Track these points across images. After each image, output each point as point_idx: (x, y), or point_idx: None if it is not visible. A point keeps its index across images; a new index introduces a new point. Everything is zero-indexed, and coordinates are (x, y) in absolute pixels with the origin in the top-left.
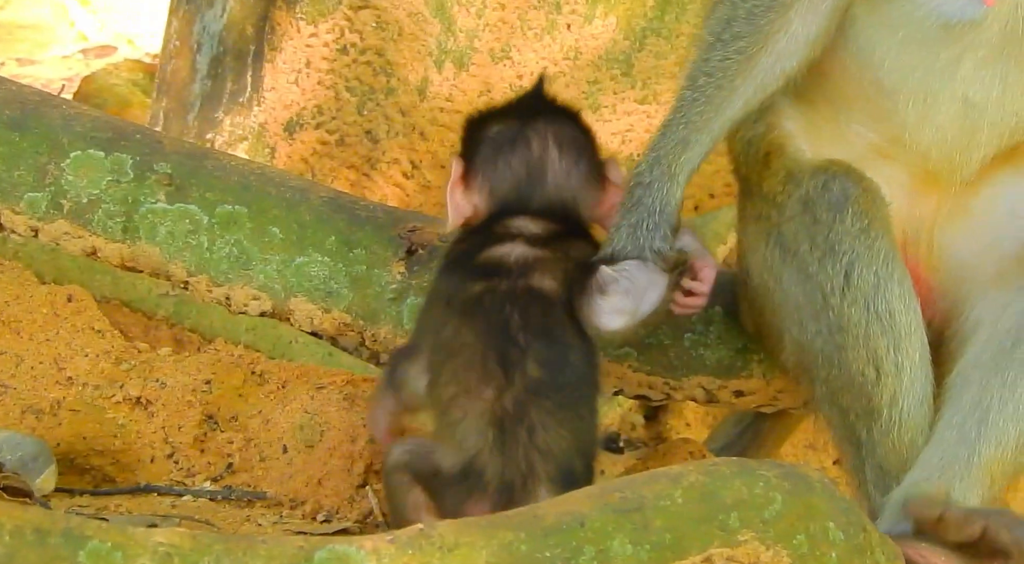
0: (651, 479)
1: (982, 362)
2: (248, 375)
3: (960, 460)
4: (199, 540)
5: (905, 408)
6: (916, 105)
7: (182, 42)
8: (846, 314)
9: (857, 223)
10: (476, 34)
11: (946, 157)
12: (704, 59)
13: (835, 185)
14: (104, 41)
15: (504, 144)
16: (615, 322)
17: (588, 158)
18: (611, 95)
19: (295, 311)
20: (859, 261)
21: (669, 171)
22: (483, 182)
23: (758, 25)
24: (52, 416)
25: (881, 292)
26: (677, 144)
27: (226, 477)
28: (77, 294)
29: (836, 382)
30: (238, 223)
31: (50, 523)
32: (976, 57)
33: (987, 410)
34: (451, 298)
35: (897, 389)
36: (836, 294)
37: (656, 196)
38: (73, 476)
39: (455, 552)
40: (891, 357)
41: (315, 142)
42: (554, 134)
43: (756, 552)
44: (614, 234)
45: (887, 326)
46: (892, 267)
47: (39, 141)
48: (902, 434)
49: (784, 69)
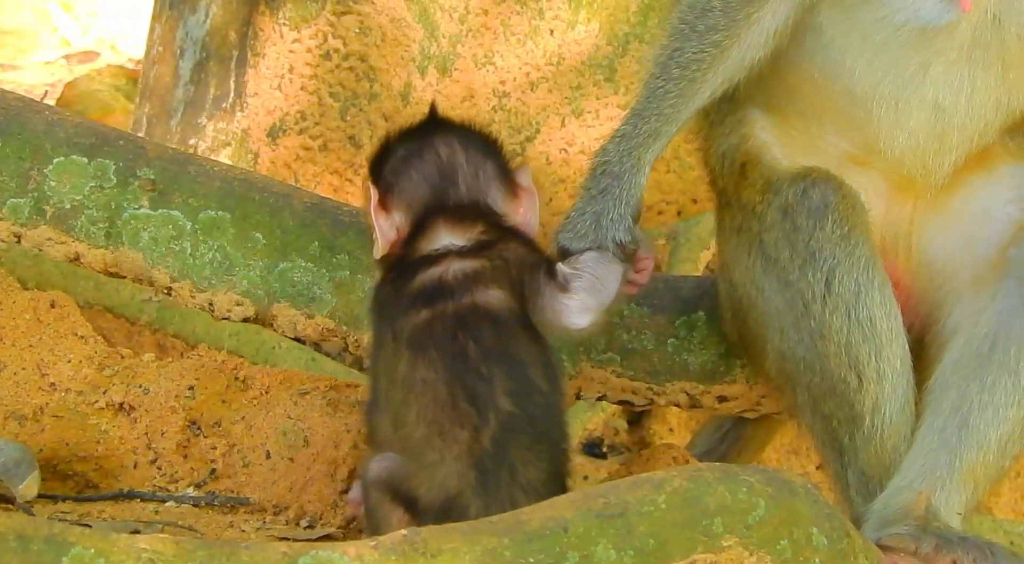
0: (634, 485)
1: (960, 367)
2: (231, 381)
3: (942, 465)
4: (182, 546)
5: (887, 414)
6: (888, 111)
7: (165, 47)
8: (827, 321)
9: (837, 230)
10: (459, 39)
11: (919, 162)
12: (678, 49)
13: (815, 192)
14: (87, 47)
15: (412, 157)
16: (584, 320)
17: (495, 162)
18: (594, 100)
19: (278, 317)
20: (839, 268)
21: (638, 163)
22: (400, 198)
23: (734, 19)
24: (35, 422)
25: (862, 299)
26: (649, 136)
27: (209, 483)
28: (60, 300)
29: (818, 389)
30: (221, 229)
31: (33, 529)
32: (946, 61)
33: (967, 414)
34: (397, 333)
35: (879, 396)
36: (817, 301)
37: (625, 187)
38: (56, 482)
39: (438, 558)
40: (873, 364)
41: (298, 147)
42: (457, 140)
43: (740, 557)
44: (576, 220)
45: (868, 333)
46: (873, 274)
47: (22, 147)
48: (884, 440)
49: (752, 59)
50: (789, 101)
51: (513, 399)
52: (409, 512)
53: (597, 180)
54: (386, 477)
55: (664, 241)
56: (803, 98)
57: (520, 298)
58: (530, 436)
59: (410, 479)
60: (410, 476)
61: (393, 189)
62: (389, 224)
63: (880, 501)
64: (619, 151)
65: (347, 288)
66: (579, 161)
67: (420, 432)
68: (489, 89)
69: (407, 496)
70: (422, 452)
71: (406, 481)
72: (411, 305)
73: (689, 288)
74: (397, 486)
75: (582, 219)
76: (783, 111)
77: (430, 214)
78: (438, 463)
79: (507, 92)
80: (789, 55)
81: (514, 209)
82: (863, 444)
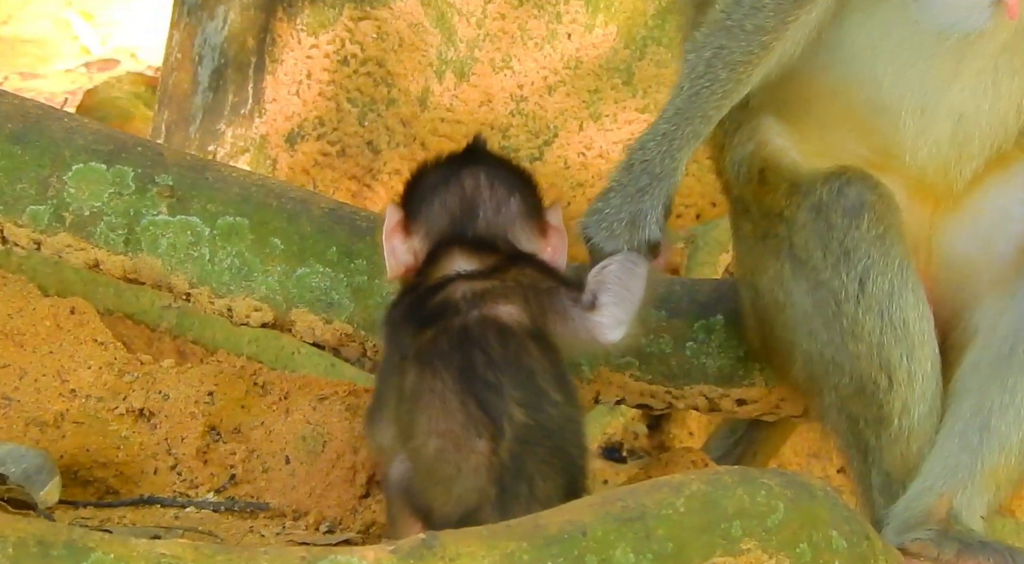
0: (653, 488)
1: (981, 369)
2: (251, 386)
3: (963, 468)
4: (202, 551)
5: (916, 416)
6: (914, 120)
7: (184, 54)
8: (860, 321)
9: (873, 229)
10: (477, 44)
11: (941, 169)
12: (724, 47)
13: (851, 191)
14: (107, 54)
15: (438, 185)
16: (617, 334)
17: (523, 199)
18: (612, 104)
19: (297, 322)
20: (874, 268)
21: (679, 164)
22: (420, 224)
23: (784, 20)
24: (55, 428)
25: (896, 300)
26: (691, 137)
27: (229, 488)
28: (80, 306)
29: (847, 389)
30: (239, 234)
31: (53, 535)
32: (975, 69)
33: (988, 416)
34: (404, 353)
35: (909, 398)
36: (850, 301)
37: (664, 189)
38: (77, 488)
39: (456, 562)
40: (904, 365)
41: (316, 153)
42: (486, 174)
43: (759, 561)
44: (612, 218)
45: (901, 335)
46: (906, 275)
47: (41, 154)
48: (911, 442)
49: (785, 57)
50: (806, 109)
51: (525, 409)
52: (426, 523)
53: (636, 178)
54: (406, 485)
55: (683, 244)
56: (821, 106)
57: (533, 314)
58: (546, 449)
59: (424, 492)
60: (424, 489)
61: (416, 214)
62: (406, 248)
63: (901, 504)
64: (660, 151)
65: (365, 293)
66: (597, 165)
67: (433, 445)
68: (507, 93)
69: (423, 507)
70: (435, 466)
71: (420, 494)
72: (419, 327)
73: (707, 292)
74: (414, 499)
75: (618, 218)
76: (799, 118)
77: (446, 243)
78: (455, 477)
79: (525, 96)
80: (806, 65)
81: (541, 248)
82: (889, 445)
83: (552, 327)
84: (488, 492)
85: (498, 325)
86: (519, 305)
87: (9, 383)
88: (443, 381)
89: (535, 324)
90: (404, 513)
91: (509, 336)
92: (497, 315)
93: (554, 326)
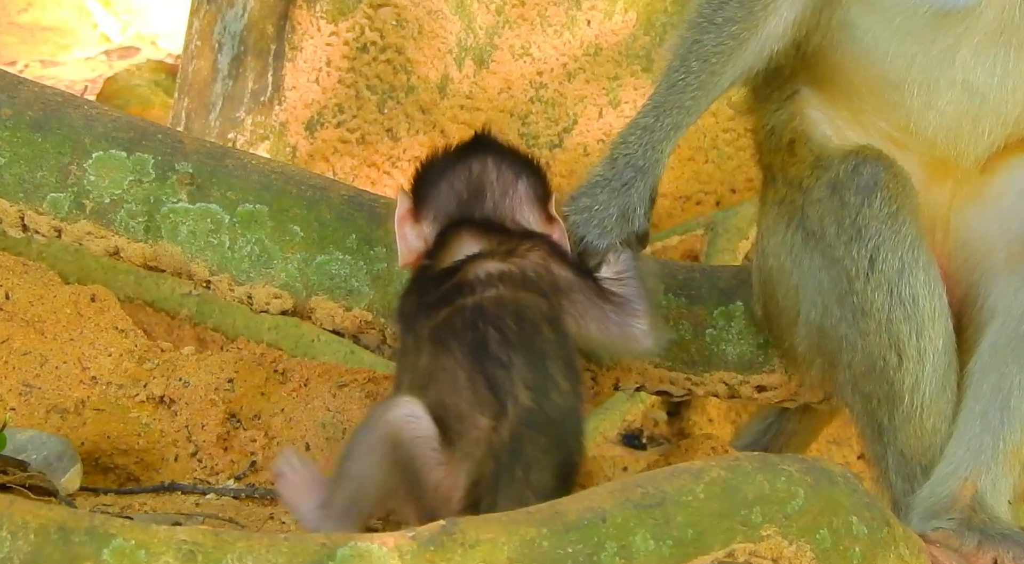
0: (672, 474)
1: (999, 349)
2: (270, 373)
3: (986, 449)
4: (222, 538)
5: (927, 394)
6: (920, 93)
7: (203, 42)
8: (870, 299)
9: (885, 208)
10: (496, 31)
11: (952, 143)
12: (697, 42)
13: (865, 169)
14: (127, 42)
15: (446, 171)
16: (652, 339)
17: (529, 183)
18: (631, 91)
19: (316, 309)
20: (884, 246)
21: (661, 156)
22: (429, 209)
23: (751, 9)
24: (76, 415)
25: (905, 278)
26: (671, 129)
27: (249, 475)
28: (100, 294)
29: (859, 367)
30: (259, 222)
31: (74, 521)
32: (973, 43)
33: (1008, 396)
34: (419, 334)
35: (919, 375)
36: (861, 278)
37: (648, 181)
38: (98, 475)
39: (477, 548)
40: (913, 343)
41: (336, 140)
42: (492, 159)
43: (779, 547)
44: (602, 214)
45: (910, 312)
46: (918, 253)
47: (61, 142)
48: (924, 420)
49: (771, 50)
50: (833, 83)
51: (532, 392)
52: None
53: (620, 173)
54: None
55: (703, 231)
56: (845, 81)
57: (551, 303)
58: (547, 438)
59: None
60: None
61: (425, 200)
62: (416, 234)
63: (926, 489)
64: (642, 144)
65: (385, 280)
66: None
67: (437, 417)
68: (526, 80)
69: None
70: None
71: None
72: (433, 308)
73: (727, 278)
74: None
75: (607, 213)
76: (830, 92)
77: (455, 226)
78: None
79: (544, 83)
80: (828, 44)
81: (547, 234)
82: (902, 424)
83: (584, 330)
84: (486, 466)
85: (515, 305)
86: (535, 293)
87: (30, 370)
88: (455, 359)
89: (552, 309)
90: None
91: (525, 316)
92: (515, 297)
93: (583, 323)
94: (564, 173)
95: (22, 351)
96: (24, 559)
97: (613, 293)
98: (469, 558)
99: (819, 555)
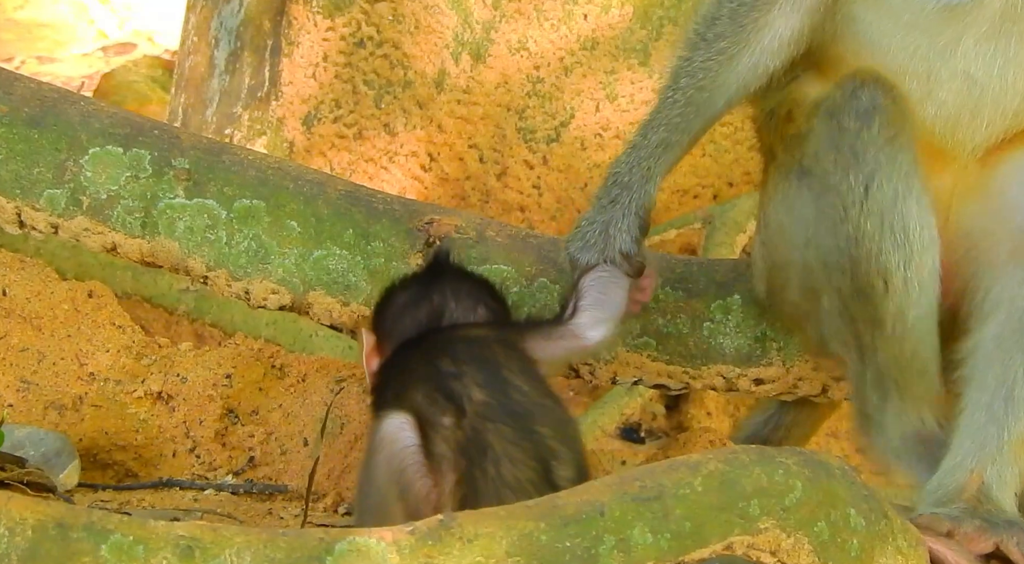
0: (670, 468)
1: (1003, 341)
2: (268, 369)
3: (991, 440)
4: (220, 533)
5: (910, 320)
6: (920, 84)
7: (200, 38)
8: (861, 226)
9: (883, 133)
10: (493, 26)
11: (950, 133)
12: (687, 59)
13: (864, 93)
14: (123, 38)
15: (409, 304)
16: (598, 332)
17: (489, 309)
18: (628, 85)
19: (314, 304)
20: (880, 172)
21: (648, 173)
22: (392, 340)
23: (740, 24)
24: (74, 411)
25: (898, 207)
26: (658, 146)
27: (247, 471)
28: (98, 290)
29: (848, 291)
30: (256, 217)
31: (72, 517)
32: (976, 34)
33: (1012, 387)
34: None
35: (904, 302)
36: (855, 206)
37: (634, 197)
38: (96, 471)
39: (475, 543)
40: (901, 273)
41: (333, 135)
42: (451, 287)
43: (777, 540)
44: (586, 229)
45: (900, 242)
46: (912, 183)
47: (58, 138)
48: (904, 343)
49: (768, 67)
50: (835, 69)
51: (485, 390)
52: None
53: (608, 190)
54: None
55: (700, 225)
56: (845, 67)
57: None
58: (512, 429)
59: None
60: None
61: (388, 334)
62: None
63: (934, 481)
64: (629, 161)
65: (382, 275)
66: (614, 146)
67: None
68: (523, 75)
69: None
70: None
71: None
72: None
73: (724, 271)
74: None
75: (591, 228)
76: (832, 75)
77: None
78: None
79: (541, 77)
80: (827, 38)
81: None
82: (883, 345)
83: (537, 351)
84: (458, 465)
85: (468, 338)
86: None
87: (28, 367)
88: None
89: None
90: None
91: (474, 342)
92: (468, 332)
93: (538, 348)
94: (561, 168)
95: (20, 347)
96: (22, 555)
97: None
98: (467, 552)
99: (817, 547)
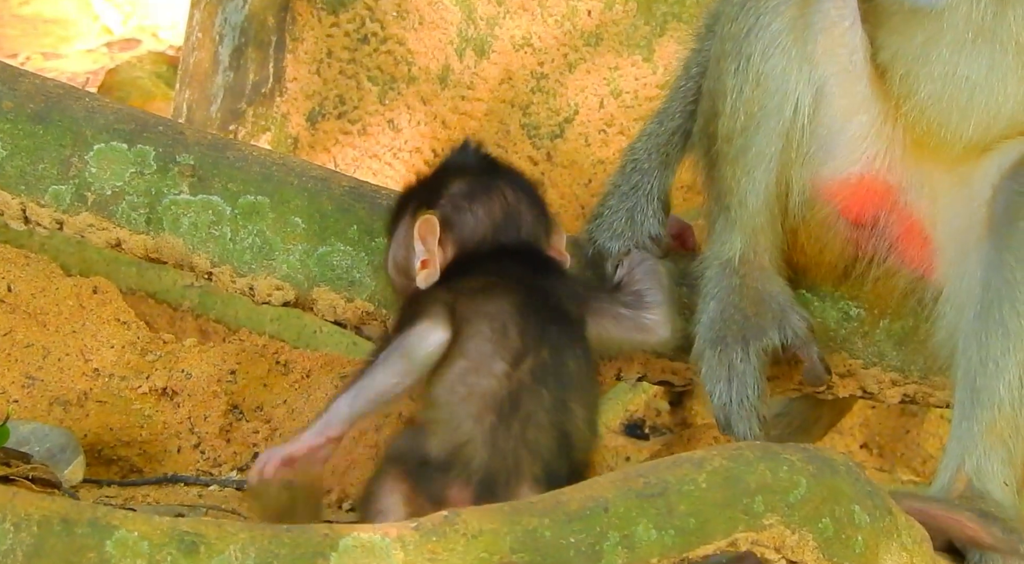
0: (674, 464)
1: (964, 335)
2: (273, 365)
3: (966, 435)
4: (225, 529)
5: (736, 145)
6: (902, 83)
7: (204, 34)
8: (719, 50)
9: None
10: (496, 22)
11: (935, 131)
12: (697, 50)
13: None
14: (128, 34)
15: (478, 194)
16: (669, 330)
17: (543, 210)
18: (632, 80)
19: (318, 300)
20: (745, 10)
21: (666, 160)
22: (462, 230)
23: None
24: (79, 407)
25: (751, 38)
26: (674, 133)
27: (252, 466)
28: (102, 286)
29: (707, 111)
30: (260, 213)
31: (77, 513)
32: (947, 41)
33: (974, 377)
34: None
35: (731, 128)
36: (722, 34)
37: (654, 182)
38: (100, 467)
39: (479, 539)
40: (731, 99)
41: (337, 131)
42: (511, 186)
43: (781, 536)
44: (611, 218)
45: (741, 68)
46: (774, 33)
47: (62, 134)
48: (724, 167)
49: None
50: None
51: (550, 353)
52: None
53: (627, 177)
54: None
55: (703, 220)
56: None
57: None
58: (553, 398)
59: (419, 437)
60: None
61: (456, 227)
62: (443, 253)
63: (935, 486)
64: (647, 148)
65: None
66: (619, 142)
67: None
68: (527, 70)
69: (415, 458)
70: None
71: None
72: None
73: None
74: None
75: (616, 217)
76: None
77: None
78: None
79: (545, 73)
80: None
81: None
82: (715, 160)
83: (600, 329)
84: (484, 421)
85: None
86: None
87: (32, 362)
88: (501, 306)
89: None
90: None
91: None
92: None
93: (602, 327)
94: (565, 164)
95: (25, 343)
96: (27, 551)
97: (627, 293)
98: (472, 548)
99: (821, 544)
